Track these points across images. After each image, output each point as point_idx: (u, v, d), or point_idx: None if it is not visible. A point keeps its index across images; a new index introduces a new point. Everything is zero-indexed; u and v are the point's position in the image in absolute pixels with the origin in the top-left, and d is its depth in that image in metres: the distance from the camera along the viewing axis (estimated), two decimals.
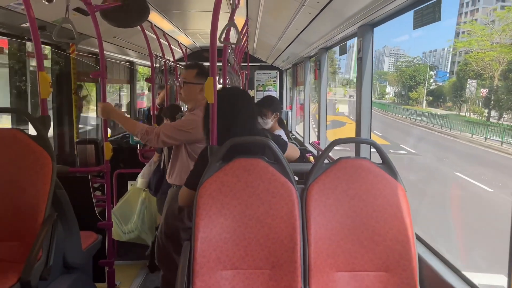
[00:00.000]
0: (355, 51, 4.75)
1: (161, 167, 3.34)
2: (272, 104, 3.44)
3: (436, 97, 44.41)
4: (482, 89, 29.73)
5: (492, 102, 28.49)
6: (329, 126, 6.69)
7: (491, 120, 26.79)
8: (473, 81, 31.56)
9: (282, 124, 3.66)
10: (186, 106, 2.92)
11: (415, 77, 48.70)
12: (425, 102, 43.97)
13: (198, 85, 2.64)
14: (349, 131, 22.64)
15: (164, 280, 2.70)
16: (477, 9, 41.42)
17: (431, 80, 48.20)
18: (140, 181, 3.56)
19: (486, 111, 28.99)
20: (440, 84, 46.33)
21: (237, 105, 2.05)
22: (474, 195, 11.83)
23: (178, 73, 5.71)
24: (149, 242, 3.53)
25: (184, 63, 6.24)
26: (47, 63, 4.00)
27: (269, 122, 3.43)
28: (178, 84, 2.81)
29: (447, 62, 53.70)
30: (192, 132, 2.54)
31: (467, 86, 32.36)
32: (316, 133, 4.94)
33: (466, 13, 44.27)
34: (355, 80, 3.19)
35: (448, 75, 48.70)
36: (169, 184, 2.98)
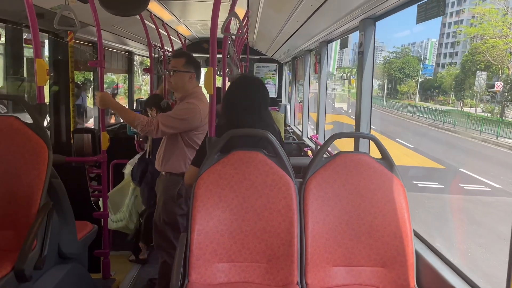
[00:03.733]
0: (334, 45, 4.69)
1: (147, 156, 3.33)
2: None
3: (425, 91, 42.97)
4: (496, 82, 26.33)
5: (508, 97, 25.36)
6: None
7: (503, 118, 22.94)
8: (483, 73, 28.32)
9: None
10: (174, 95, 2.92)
11: (404, 70, 46.38)
12: (418, 96, 42.70)
13: (187, 73, 2.67)
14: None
15: (164, 266, 2.72)
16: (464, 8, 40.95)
17: (420, 73, 46.49)
18: (128, 167, 3.55)
19: (497, 107, 25.84)
20: (429, 77, 44.95)
21: (248, 92, 2.07)
22: None
23: None
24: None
25: None
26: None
27: None
28: (167, 73, 2.82)
29: (426, 55, 52.65)
30: (189, 120, 2.58)
31: (476, 79, 28.70)
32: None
33: (451, 13, 43.90)
34: (335, 73, 3.15)
35: (433, 67, 47.66)
36: (154, 175, 2.96)
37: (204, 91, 2.26)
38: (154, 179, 3.28)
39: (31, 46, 2.19)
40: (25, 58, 4.06)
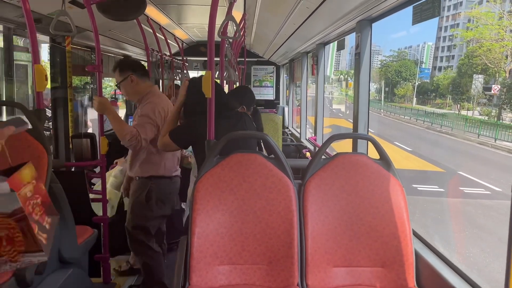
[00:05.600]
0: (331, 47, 4.70)
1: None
2: (244, 97, 3.05)
3: (422, 94, 43.04)
4: (493, 85, 26.30)
5: (505, 101, 24.96)
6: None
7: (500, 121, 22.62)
8: (480, 76, 28.16)
9: (255, 117, 3.37)
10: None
11: (401, 73, 46.62)
12: (415, 99, 42.68)
13: (127, 78, 2.70)
14: None
15: (146, 268, 2.78)
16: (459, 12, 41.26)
17: (416, 76, 46.50)
18: (111, 180, 3.50)
19: (494, 110, 25.52)
20: (426, 80, 45.02)
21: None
22: None
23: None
24: None
25: (180, 58, 6.20)
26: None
27: None
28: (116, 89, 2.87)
29: (423, 58, 53.00)
30: (156, 115, 2.63)
31: (473, 82, 28.58)
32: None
33: (447, 16, 44.15)
34: (332, 76, 3.14)
35: (430, 71, 47.89)
36: None
37: None
38: None
39: (25, 52, 2.21)
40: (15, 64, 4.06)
